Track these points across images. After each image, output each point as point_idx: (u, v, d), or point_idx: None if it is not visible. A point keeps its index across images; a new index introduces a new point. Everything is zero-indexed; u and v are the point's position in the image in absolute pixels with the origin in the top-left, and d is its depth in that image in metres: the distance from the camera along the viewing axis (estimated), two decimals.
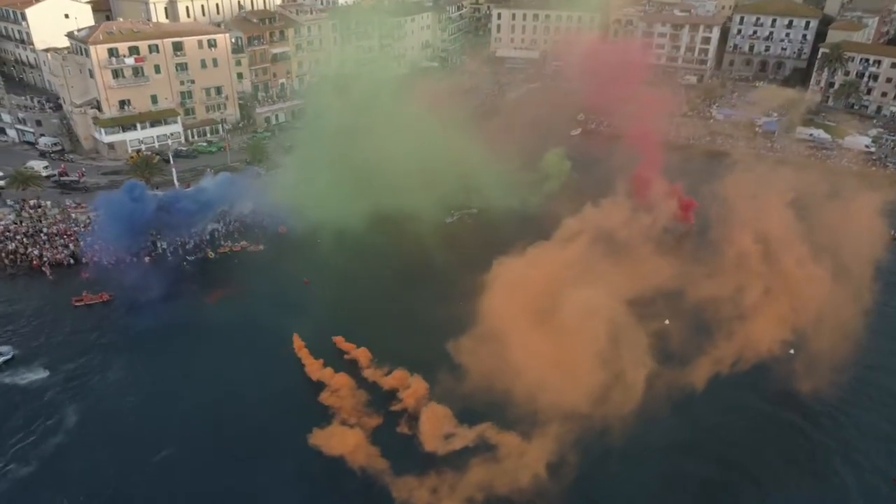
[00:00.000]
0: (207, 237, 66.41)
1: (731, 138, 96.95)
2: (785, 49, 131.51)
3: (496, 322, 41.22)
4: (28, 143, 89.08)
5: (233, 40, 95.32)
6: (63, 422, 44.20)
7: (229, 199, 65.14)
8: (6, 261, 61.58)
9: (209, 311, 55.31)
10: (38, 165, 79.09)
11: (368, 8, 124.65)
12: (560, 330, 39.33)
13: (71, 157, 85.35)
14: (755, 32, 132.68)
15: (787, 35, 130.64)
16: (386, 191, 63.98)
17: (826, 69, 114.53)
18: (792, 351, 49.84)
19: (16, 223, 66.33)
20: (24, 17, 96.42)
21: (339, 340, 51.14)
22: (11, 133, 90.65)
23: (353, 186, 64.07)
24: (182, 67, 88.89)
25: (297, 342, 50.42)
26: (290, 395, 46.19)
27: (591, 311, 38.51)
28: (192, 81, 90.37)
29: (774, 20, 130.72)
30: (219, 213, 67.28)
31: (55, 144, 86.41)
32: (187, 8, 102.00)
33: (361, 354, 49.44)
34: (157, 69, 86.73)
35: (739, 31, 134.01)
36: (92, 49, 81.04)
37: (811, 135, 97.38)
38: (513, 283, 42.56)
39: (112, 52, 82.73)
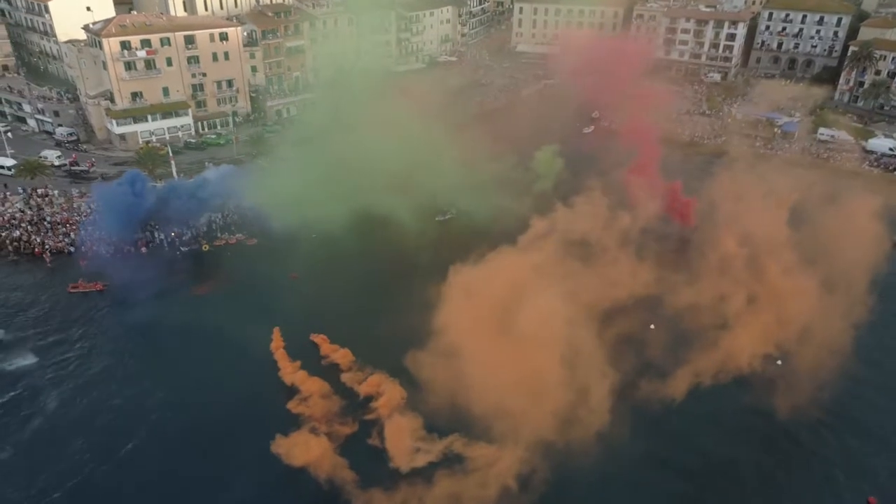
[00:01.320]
0: (205, 228, 67.34)
1: (748, 138, 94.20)
2: (815, 46, 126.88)
3: (448, 337, 40.19)
4: (47, 132, 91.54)
5: (245, 34, 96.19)
6: (43, 408, 45.34)
7: (228, 192, 65.50)
8: (10, 247, 63.48)
9: (196, 303, 56.04)
10: (52, 155, 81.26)
11: (386, 2, 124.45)
12: (516, 344, 38.15)
13: (84, 147, 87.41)
14: (784, 29, 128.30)
15: (818, 32, 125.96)
16: (378, 188, 63.69)
17: (855, 68, 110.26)
18: (779, 362, 48.41)
19: (22, 211, 68.26)
20: (47, 10, 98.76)
21: (321, 340, 50.61)
22: (32, 123, 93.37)
23: (347, 183, 63.90)
24: (194, 60, 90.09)
25: (277, 338, 50.29)
26: (264, 395, 45.73)
27: (542, 323, 37.23)
28: (204, 74, 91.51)
29: (805, 16, 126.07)
30: (218, 204, 67.98)
31: (71, 134, 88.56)
32: (205, 1, 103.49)
33: (343, 357, 48.57)
34: (169, 62, 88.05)
35: (768, 28, 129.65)
36: (105, 41, 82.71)
37: (833, 136, 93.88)
38: (466, 294, 41.32)
39: (125, 45, 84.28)
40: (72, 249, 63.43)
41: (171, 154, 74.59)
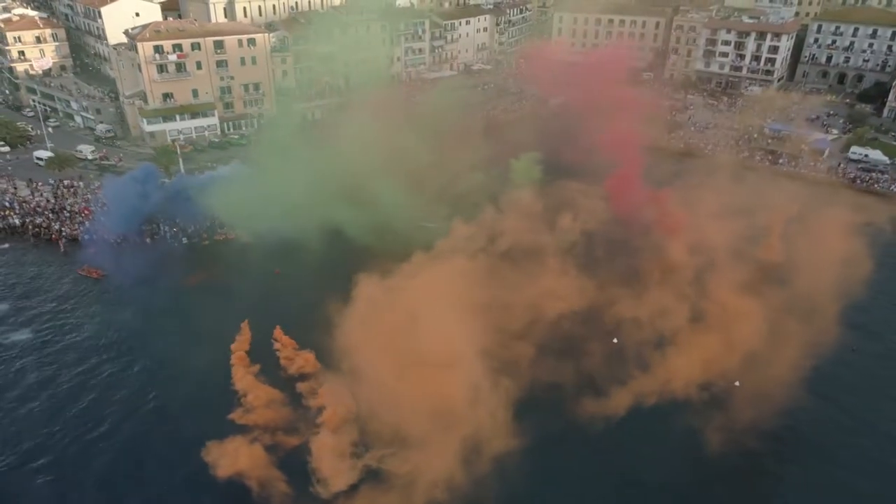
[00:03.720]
0: (208, 223, 70.75)
1: (773, 154, 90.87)
2: (867, 61, 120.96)
3: (352, 356, 40.04)
4: (90, 128, 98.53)
5: (274, 40, 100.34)
6: (22, 381, 49.16)
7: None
8: (31, 232, 68.92)
9: (182, 294, 58.82)
10: (86, 149, 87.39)
11: (421, 10, 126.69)
12: (426, 363, 38.03)
13: (119, 143, 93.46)
14: (834, 42, 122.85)
15: (871, 45, 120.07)
16: (370, 194, 65.26)
17: None
18: (737, 383, 46.91)
19: (48, 200, 73.83)
20: (100, 15, 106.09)
21: (284, 345, 50.21)
22: (78, 119, 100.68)
23: (338, 188, 65.74)
24: (222, 64, 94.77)
25: (244, 333, 50.52)
26: (216, 396, 45.55)
27: (450, 340, 36.94)
28: (232, 77, 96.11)
29: (856, 29, 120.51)
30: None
31: (108, 131, 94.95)
32: (244, 8, 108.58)
33: (304, 362, 47.80)
34: (199, 65, 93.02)
35: (816, 41, 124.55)
36: (139, 45, 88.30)
37: (866, 155, 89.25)
38: (369, 308, 40.95)
39: (157, 49, 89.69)
40: (85, 237, 68.11)
41: (179, 152, 78.81)
